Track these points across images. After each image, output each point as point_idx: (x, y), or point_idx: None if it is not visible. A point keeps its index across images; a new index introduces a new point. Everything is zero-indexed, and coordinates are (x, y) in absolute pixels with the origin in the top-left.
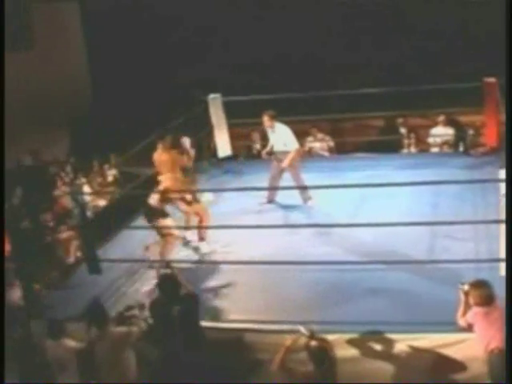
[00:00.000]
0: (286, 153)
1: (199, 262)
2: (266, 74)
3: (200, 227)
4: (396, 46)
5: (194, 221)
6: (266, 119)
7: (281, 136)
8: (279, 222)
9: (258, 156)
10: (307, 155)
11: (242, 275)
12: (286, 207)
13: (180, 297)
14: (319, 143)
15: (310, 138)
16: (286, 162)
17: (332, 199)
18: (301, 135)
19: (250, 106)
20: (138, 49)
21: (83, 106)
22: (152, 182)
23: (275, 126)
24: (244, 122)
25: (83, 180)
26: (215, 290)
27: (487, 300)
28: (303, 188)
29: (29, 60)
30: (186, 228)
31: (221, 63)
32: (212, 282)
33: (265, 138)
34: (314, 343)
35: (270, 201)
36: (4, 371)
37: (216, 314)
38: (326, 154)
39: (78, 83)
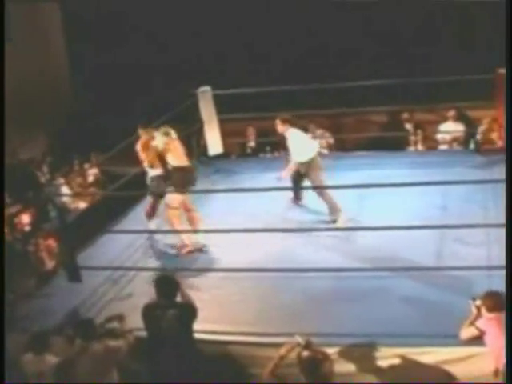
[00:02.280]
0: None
1: (186, 269)
2: (259, 66)
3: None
4: (401, 33)
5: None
6: (277, 123)
7: (290, 144)
8: (272, 224)
9: (253, 154)
10: None
11: (232, 283)
12: (279, 209)
13: (177, 302)
14: (318, 140)
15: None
16: (284, 173)
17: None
18: None
19: (242, 100)
20: (121, 40)
21: (62, 103)
22: (136, 182)
23: (288, 131)
24: (236, 118)
25: (61, 180)
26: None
27: (501, 306)
28: (332, 207)
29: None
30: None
31: (211, 54)
32: (200, 290)
33: (260, 135)
34: (306, 354)
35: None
36: (4, 371)
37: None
38: (325, 151)
39: (56, 78)
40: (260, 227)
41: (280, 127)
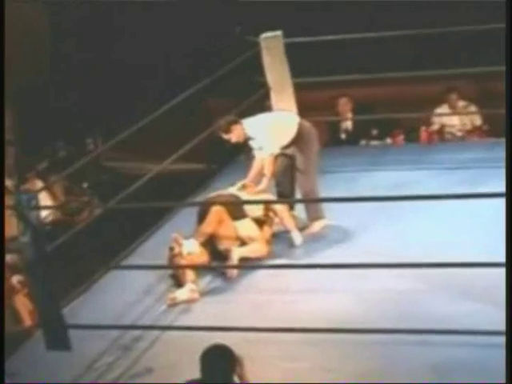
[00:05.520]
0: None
1: (243, 328)
2: None
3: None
4: None
5: None
6: (225, 136)
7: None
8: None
9: (350, 140)
10: (436, 138)
11: (315, 350)
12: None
13: None
14: (458, 118)
15: (441, 109)
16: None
17: (475, 217)
18: (427, 103)
19: (334, 54)
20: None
21: (39, 59)
22: (158, 187)
23: (245, 130)
24: (323, 82)
25: (39, 184)
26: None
27: None
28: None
29: None
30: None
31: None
32: (265, 363)
33: (361, 110)
34: None
35: None
36: (4, 371)
37: None
38: (473, 136)
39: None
40: (361, 260)
41: (233, 136)
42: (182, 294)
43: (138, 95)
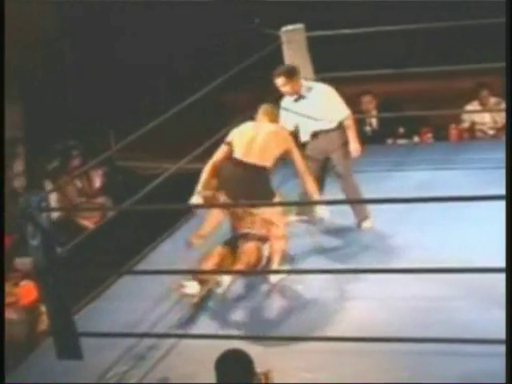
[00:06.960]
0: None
1: (270, 337)
2: None
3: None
4: None
5: None
6: (279, 82)
7: (318, 103)
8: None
9: (375, 139)
10: (466, 136)
11: (347, 359)
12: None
13: None
14: (489, 115)
15: (471, 106)
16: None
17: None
18: (457, 100)
19: (358, 49)
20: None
21: (50, 57)
22: (175, 187)
23: (308, 88)
24: (346, 78)
25: (48, 185)
26: None
27: None
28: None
29: None
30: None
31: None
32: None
33: (386, 107)
34: None
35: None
36: (4, 371)
37: None
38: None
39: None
40: (387, 266)
41: (291, 86)
42: (192, 286)
43: (151, 95)
